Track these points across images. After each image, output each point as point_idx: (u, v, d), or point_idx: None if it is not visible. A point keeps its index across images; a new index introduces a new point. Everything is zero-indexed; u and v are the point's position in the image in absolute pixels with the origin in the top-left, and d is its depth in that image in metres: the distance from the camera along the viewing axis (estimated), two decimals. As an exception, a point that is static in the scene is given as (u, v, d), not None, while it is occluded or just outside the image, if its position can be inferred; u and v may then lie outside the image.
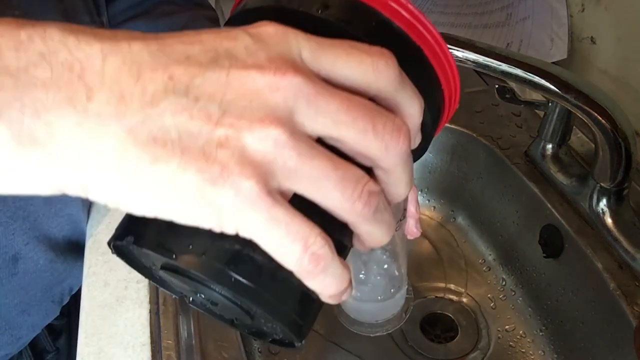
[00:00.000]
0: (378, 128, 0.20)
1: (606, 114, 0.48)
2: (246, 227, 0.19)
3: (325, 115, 0.20)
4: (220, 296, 0.23)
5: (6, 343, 0.54)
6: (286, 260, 0.20)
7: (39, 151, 0.18)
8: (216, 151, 0.18)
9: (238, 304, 0.23)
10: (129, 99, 0.18)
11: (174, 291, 0.27)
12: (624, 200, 0.55)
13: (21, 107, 0.18)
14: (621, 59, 0.62)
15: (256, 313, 0.23)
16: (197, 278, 0.22)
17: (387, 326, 0.54)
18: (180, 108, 0.18)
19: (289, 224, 0.19)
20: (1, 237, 0.48)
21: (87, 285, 0.52)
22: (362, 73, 0.21)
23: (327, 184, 0.20)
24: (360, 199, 0.20)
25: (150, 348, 0.47)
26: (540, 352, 0.61)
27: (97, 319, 0.49)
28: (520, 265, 0.67)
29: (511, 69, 0.50)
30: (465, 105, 0.74)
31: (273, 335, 0.26)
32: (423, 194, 0.78)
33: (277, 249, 0.19)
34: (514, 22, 0.75)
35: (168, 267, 0.23)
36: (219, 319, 0.27)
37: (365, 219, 0.21)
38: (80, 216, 0.57)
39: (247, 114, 0.19)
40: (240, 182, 0.18)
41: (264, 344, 0.61)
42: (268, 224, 0.19)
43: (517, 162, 0.66)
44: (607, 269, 0.53)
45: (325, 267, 0.20)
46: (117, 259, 0.25)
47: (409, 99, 0.22)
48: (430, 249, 0.73)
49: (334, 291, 0.21)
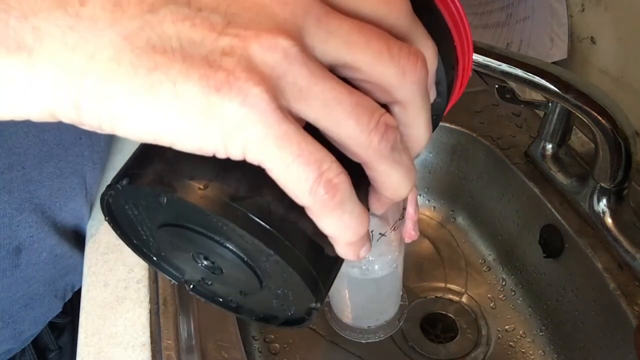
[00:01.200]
0: (394, 51, 0.19)
1: (606, 114, 0.48)
2: (254, 146, 0.17)
3: (338, 36, 0.18)
4: (226, 251, 0.21)
5: (9, 337, 0.55)
6: (298, 188, 0.18)
7: (25, 58, 0.16)
8: (221, 59, 0.17)
9: (245, 259, 0.21)
10: (126, 4, 0.17)
11: (172, 274, 0.25)
12: (624, 200, 0.55)
13: (6, 8, 0.16)
14: (621, 59, 0.62)
15: (266, 269, 0.21)
16: (199, 225, 0.20)
17: (379, 332, 0.54)
18: (182, 16, 0.17)
19: (302, 144, 0.17)
20: (6, 228, 0.48)
21: (87, 285, 0.52)
22: (373, 5, 0.19)
23: (341, 109, 0.18)
24: (376, 130, 0.18)
25: (150, 348, 0.47)
26: (540, 352, 0.61)
27: (97, 319, 0.49)
28: (520, 265, 0.67)
29: (511, 69, 0.50)
30: (465, 105, 0.74)
31: (282, 311, 0.24)
32: (423, 194, 0.78)
33: (288, 172, 0.18)
34: (514, 22, 0.75)
35: (166, 223, 0.21)
36: (223, 306, 0.25)
37: (382, 155, 0.19)
38: (83, 212, 0.58)
39: (254, 25, 0.17)
40: (247, 88, 0.17)
41: (264, 344, 0.61)
42: (278, 142, 0.17)
43: (517, 162, 0.66)
44: (607, 269, 0.53)
45: (342, 201, 0.18)
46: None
47: (423, 40, 0.21)
48: (430, 249, 0.73)
49: (352, 235, 0.19)
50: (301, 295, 0.21)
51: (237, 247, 0.20)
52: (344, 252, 0.20)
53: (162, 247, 0.24)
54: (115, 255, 0.54)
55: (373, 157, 0.19)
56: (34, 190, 0.49)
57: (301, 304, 0.22)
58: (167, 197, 0.19)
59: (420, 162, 0.76)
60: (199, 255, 0.23)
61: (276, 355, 0.61)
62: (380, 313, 0.53)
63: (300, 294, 0.21)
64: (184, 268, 0.25)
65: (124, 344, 0.47)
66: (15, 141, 0.46)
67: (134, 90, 0.17)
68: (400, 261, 0.48)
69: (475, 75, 0.80)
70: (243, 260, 0.21)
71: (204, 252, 0.22)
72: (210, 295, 0.26)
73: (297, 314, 0.23)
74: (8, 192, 0.47)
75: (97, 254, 0.55)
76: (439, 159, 0.75)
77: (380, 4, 0.19)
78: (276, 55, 0.17)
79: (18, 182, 0.47)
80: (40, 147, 0.49)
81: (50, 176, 0.51)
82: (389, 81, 0.19)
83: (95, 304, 0.51)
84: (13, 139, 0.46)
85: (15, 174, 0.47)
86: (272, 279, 0.22)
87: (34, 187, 0.49)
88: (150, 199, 0.20)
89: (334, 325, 0.53)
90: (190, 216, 0.20)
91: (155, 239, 0.23)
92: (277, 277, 0.21)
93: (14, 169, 0.47)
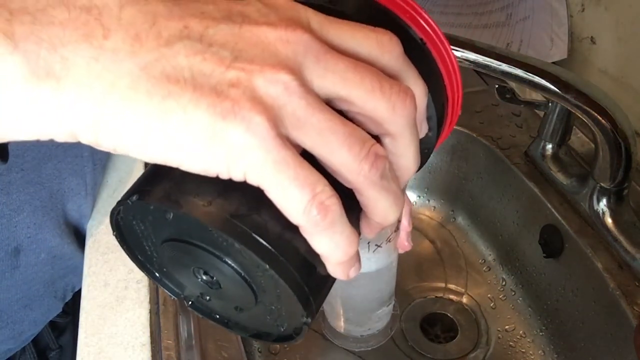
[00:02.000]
0: (385, 88, 0.21)
1: (606, 114, 0.48)
2: (254, 170, 0.19)
3: (334, 72, 0.20)
4: (225, 266, 0.22)
5: (8, 337, 0.55)
6: (293, 208, 0.19)
7: (54, 85, 0.18)
8: (228, 89, 0.19)
9: (242, 274, 0.22)
10: (144, 39, 0.19)
11: (173, 290, 0.27)
12: (624, 200, 0.55)
13: (38, 40, 0.18)
14: (621, 59, 0.62)
15: (261, 284, 0.22)
16: (201, 240, 0.21)
17: (371, 341, 0.54)
18: (194, 51, 0.19)
19: (298, 169, 0.19)
20: (4, 229, 0.48)
21: (87, 285, 0.52)
22: (367, 47, 0.21)
23: (335, 139, 0.20)
24: (367, 159, 0.20)
25: (150, 348, 0.47)
26: (540, 352, 0.61)
27: (97, 318, 0.49)
28: (520, 265, 0.67)
29: (511, 69, 0.50)
30: (465, 105, 0.74)
31: (275, 327, 0.25)
32: (423, 194, 0.78)
33: (284, 194, 0.19)
34: (514, 22, 0.75)
35: (170, 238, 0.22)
36: (219, 322, 0.27)
37: (372, 182, 0.21)
38: (83, 212, 0.58)
39: (259, 60, 0.19)
40: (250, 116, 0.18)
41: (265, 344, 0.61)
42: (276, 167, 0.19)
43: (517, 162, 0.66)
44: (607, 269, 0.53)
45: (333, 221, 0.20)
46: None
47: (413, 79, 0.22)
48: (430, 249, 0.73)
49: (342, 255, 0.21)
50: (293, 310, 0.23)
51: (235, 262, 0.22)
52: (334, 270, 0.22)
53: (165, 262, 0.25)
54: (115, 255, 0.54)
55: (363, 184, 0.21)
56: (34, 192, 0.49)
57: (293, 319, 0.23)
58: (173, 213, 0.21)
59: (420, 162, 0.76)
60: (199, 270, 0.24)
61: (276, 355, 0.61)
62: (373, 321, 0.53)
63: (292, 309, 0.23)
64: (184, 283, 0.26)
65: (124, 344, 0.47)
66: (13, 143, 0.46)
67: (149, 115, 0.19)
68: (394, 264, 0.48)
69: (475, 75, 0.80)
70: (240, 275, 0.22)
71: (204, 267, 0.23)
72: (208, 311, 0.27)
73: (288, 330, 0.24)
74: (7, 194, 0.47)
75: (97, 254, 0.55)
76: (439, 159, 0.75)
77: (375, 46, 0.21)
78: (278, 87, 0.19)
79: (17, 184, 0.47)
80: (38, 149, 0.49)
81: (50, 177, 0.51)
82: (380, 115, 0.21)
83: (95, 304, 0.51)
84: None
85: (14, 175, 0.47)
86: (266, 294, 0.23)
87: (33, 189, 0.49)
88: (157, 214, 0.22)
89: (327, 334, 0.53)
90: (193, 231, 0.22)
91: (159, 254, 0.25)
92: (271, 292, 0.23)
93: (12, 171, 0.47)
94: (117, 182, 0.63)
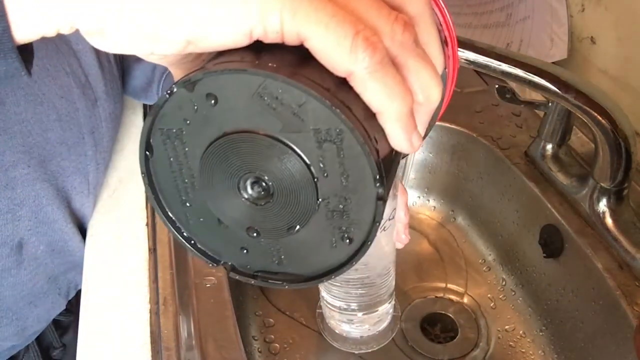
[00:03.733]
0: None
1: (606, 114, 0.48)
2: (290, 15, 0.18)
3: None
4: (280, 152, 0.20)
5: (12, 334, 0.55)
6: (339, 50, 0.19)
7: None
8: None
9: (301, 157, 0.20)
10: None
11: (209, 256, 0.24)
12: (624, 200, 0.55)
13: None
14: (621, 59, 0.62)
15: (322, 168, 0.20)
16: (252, 124, 0.20)
17: (372, 343, 0.53)
18: None
19: (336, 7, 0.19)
20: (9, 224, 0.48)
21: (87, 285, 0.52)
22: None
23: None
24: (397, 22, 0.20)
25: (150, 348, 0.47)
26: (540, 352, 0.61)
27: (97, 318, 0.49)
28: (520, 265, 0.67)
29: (511, 69, 0.50)
30: (465, 105, 0.74)
31: (335, 248, 0.22)
32: (423, 194, 0.78)
33: (327, 34, 0.18)
34: (514, 22, 0.75)
35: (216, 137, 0.20)
36: (264, 281, 0.24)
37: (407, 48, 0.20)
38: (85, 211, 0.58)
39: None
40: None
41: (264, 344, 0.61)
42: (313, 4, 0.18)
43: (517, 162, 0.66)
44: (607, 269, 0.53)
45: (383, 60, 0.19)
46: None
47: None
48: (430, 249, 0.73)
49: (399, 104, 0.20)
50: (363, 188, 0.20)
51: (292, 142, 0.20)
52: (396, 134, 0.20)
53: (200, 207, 0.23)
54: (116, 255, 0.54)
55: (399, 50, 0.20)
56: (38, 189, 0.49)
57: (361, 210, 0.21)
58: (239, 72, 0.19)
59: (420, 162, 0.76)
60: (245, 181, 0.21)
61: (276, 355, 0.61)
62: (374, 320, 0.53)
63: (361, 189, 0.20)
64: (226, 214, 0.23)
65: (124, 344, 0.47)
66: (19, 139, 0.47)
67: None
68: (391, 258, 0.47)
69: (475, 75, 0.80)
70: (300, 157, 0.20)
71: (252, 170, 0.21)
72: (251, 273, 0.24)
73: (354, 239, 0.22)
74: (12, 189, 0.47)
75: (98, 253, 0.55)
76: (439, 159, 0.75)
77: None
78: None
79: (22, 180, 0.48)
80: (43, 146, 0.49)
81: (54, 174, 0.51)
82: None
83: (95, 303, 0.51)
84: (17, 137, 0.46)
85: (20, 171, 0.47)
86: (328, 180, 0.21)
87: (38, 186, 0.49)
88: (203, 104, 0.20)
89: (326, 336, 0.53)
90: (241, 117, 0.20)
91: (195, 194, 0.22)
92: (335, 172, 0.20)
93: (18, 167, 0.47)
94: (117, 182, 0.63)
